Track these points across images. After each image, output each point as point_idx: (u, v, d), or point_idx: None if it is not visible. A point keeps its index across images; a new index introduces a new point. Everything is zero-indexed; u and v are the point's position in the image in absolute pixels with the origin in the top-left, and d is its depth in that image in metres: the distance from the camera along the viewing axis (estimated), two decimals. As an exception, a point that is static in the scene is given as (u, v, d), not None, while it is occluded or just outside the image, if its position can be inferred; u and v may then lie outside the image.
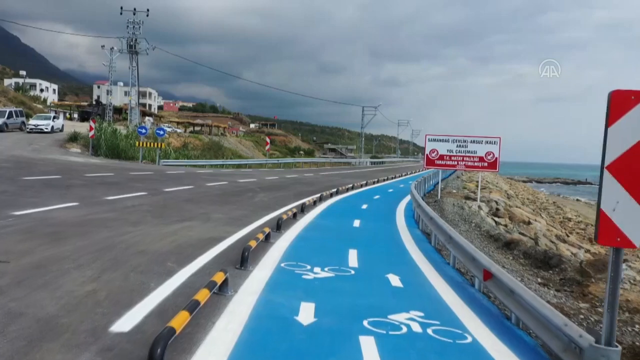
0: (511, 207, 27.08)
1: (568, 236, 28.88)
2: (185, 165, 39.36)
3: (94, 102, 77.75)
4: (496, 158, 24.73)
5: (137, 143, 39.72)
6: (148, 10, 54.67)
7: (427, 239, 14.23)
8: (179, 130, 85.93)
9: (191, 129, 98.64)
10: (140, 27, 53.91)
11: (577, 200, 73.36)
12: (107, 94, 65.93)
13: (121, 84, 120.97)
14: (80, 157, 34.39)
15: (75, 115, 76.71)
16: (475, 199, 25.73)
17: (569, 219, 41.57)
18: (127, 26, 53.99)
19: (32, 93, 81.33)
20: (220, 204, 17.26)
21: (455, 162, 25.29)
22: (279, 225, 12.83)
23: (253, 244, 9.34)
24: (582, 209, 55.00)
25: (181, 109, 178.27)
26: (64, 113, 75.87)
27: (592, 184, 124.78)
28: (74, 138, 41.20)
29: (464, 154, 25.16)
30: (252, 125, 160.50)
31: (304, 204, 17.60)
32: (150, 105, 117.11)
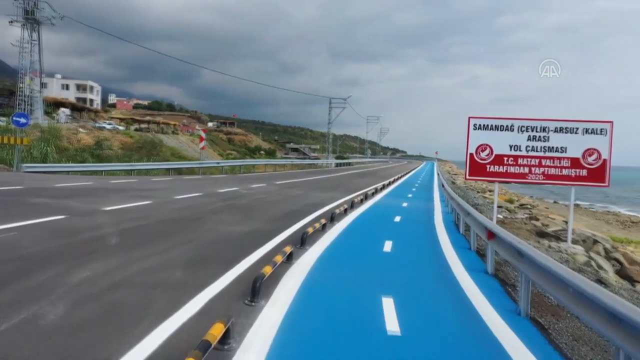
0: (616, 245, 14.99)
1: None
2: (71, 173, 25.33)
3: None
4: (604, 161, 12.71)
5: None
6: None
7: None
8: (120, 128, 73.40)
9: (136, 126, 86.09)
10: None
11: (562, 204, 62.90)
12: (19, 81, 51.29)
13: (59, 75, 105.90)
14: None
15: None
16: (556, 236, 13.57)
17: None
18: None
19: None
20: None
21: (526, 170, 13.12)
22: None
23: None
24: None
25: (135, 107, 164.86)
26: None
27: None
28: None
29: (541, 155, 13.02)
30: (210, 124, 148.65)
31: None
32: (92, 101, 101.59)
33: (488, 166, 13.31)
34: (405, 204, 19.47)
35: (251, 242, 9.27)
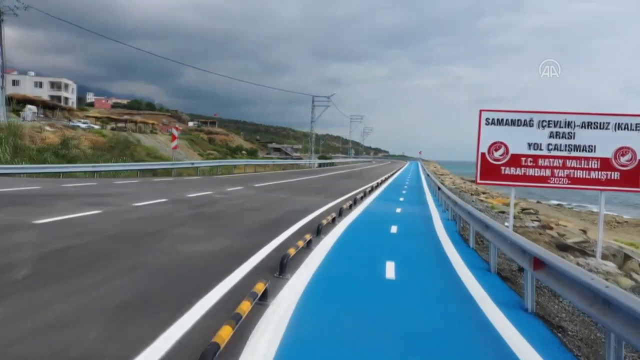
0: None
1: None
2: (25, 175, 22.49)
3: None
4: (640, 162, 10.74)
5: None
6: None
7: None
8: (96, 127, 70.58)
9: (113, 125, 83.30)
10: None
11: (559, 205, 61.49)
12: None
13: (32, 73, 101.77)
14: None
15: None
16: (580, 249, 11.57)
17: None
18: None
19: None
20: None
21: (547, 172, 11.08)
22: None
23: None
24: None
25: (114, 106, 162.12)
26: None
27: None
28: None
29: (566, 154, 11.00)
30: (190, 124, 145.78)
31: None
32: (67, 99, 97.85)
33: (503, 168, 11.22)
34: (399, 210, 17.35)
35: (216, 269, 7.02)
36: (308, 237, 9.25)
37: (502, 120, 11.13)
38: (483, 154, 11.26)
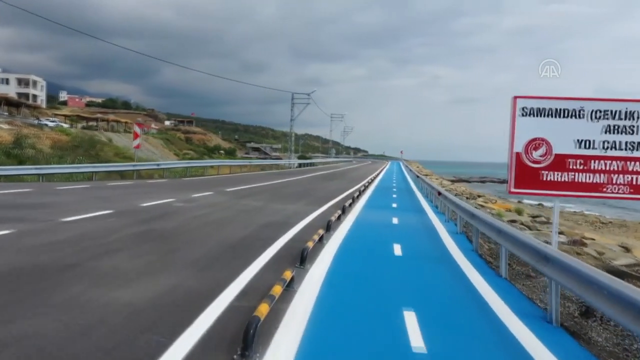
0: None
1: None
2: None
3: None
4: None
5: None
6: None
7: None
8: (65, 125, 67.20)
9: (84, 123, 79.84)
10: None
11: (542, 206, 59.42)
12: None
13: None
14: None
15: None
16: (637, 276, 8.91)
17: None
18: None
19: None
20: None
21: (603, 178, 8.39)
22: None
23: None
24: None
25: (89, 104, 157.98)
26: None
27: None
28: None
29: (626, 154, 8.32)
30: (167, 123, 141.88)
31: None
32: (35, 96, 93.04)
33: (543, 173, 8.53)
34: (395, 220, 14.58)
35: (132, 350, 4.13)
36: (288, 275, 6.35)
37: (544, 110, 8.40)
38: (518, 154, 8.53)
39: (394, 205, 19.63)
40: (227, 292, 6.04)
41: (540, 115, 8.44)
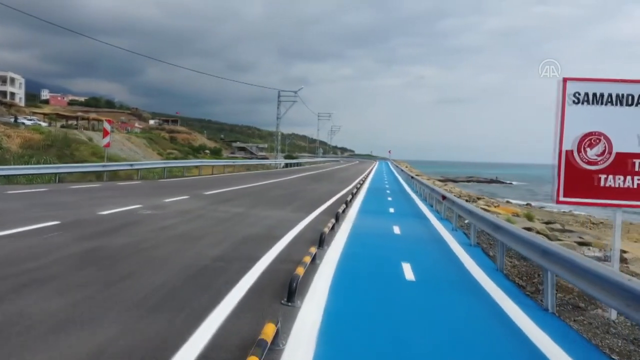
0: None
1: None
2: None
3: None
4: None
5: None
6: None
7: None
8: (43, 124, 64.82)
9: (63, 122, 77.54)
10: None
11: (513, 202, 58.09)
12: None
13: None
14: None
15: None
16: None
17: None
18: None
19: None
20: None
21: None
22: None
23: None
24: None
25: (71, 103, 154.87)
26: None
27: (503, 182, 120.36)
28: None
29: None
30: (152, 122, 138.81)
31: None
32: (13, 94, 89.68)
33: (600, 177, 6.65)
34: (397, 230, 12.61)
35: None
36: (269, 330, 4.32)
37: (602, 96, 6.49)
38: (568, 152, 6.61)
39: (391, 210, 17.68)
40: (180, 355, 4.03)
41: (597, 103, 6.54)
